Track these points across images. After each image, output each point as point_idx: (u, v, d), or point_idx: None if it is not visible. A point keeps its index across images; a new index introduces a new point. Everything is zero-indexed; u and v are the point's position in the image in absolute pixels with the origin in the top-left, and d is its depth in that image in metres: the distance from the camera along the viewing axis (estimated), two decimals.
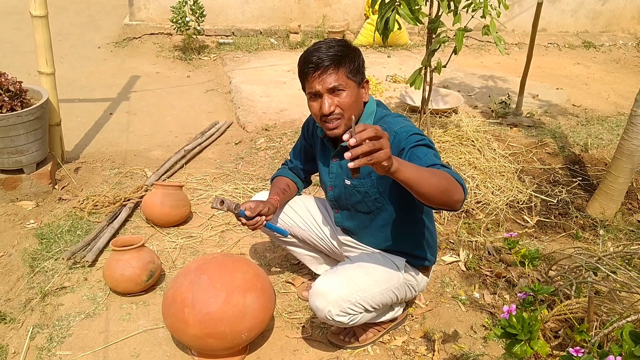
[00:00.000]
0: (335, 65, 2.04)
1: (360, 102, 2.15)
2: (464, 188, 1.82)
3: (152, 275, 2.69)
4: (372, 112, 2.19)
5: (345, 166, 2.23)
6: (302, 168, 2.58)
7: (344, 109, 2.08)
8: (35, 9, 3.52)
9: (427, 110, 3.77)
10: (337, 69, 2.05)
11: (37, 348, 2.43)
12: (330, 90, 2.06)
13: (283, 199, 2.49)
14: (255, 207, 2.28)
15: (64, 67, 5.85)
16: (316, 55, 2.05)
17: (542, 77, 6.25)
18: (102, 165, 4.01)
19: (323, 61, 2.04)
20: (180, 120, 4.90)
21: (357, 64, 2.09)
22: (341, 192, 2.30)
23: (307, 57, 2.08)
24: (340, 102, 2.07)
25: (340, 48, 2.07)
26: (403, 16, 3.15)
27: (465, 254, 3.06)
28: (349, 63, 2.06)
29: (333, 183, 2.32)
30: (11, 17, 7.55)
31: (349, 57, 2.06)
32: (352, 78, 2.08)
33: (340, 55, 2.04)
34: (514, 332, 1.44)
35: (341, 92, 2.06)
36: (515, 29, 7.63)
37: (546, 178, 3.95)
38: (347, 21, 7.37)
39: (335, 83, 2.05)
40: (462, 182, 1.83)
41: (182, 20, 6.21)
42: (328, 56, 2.04)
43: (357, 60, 2.10)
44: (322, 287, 2.14)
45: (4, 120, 3.32)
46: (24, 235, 3.25)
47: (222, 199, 2.22)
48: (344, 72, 2.05)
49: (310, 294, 2.18)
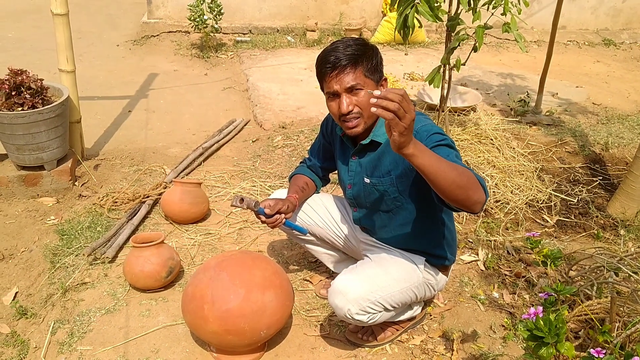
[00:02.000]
0: (352, 65, 2.03)
1: None
2: (485, 190, 1.79)
3: (171, 272, 2.71)
4: None
5: (365, 164, 2.23)
6: (320, 166, 2.58)
7: (363, 108, 2.08)
8: (57, 7, 3.55)
9: (446, 108, 3.75)
10: (355, 68, 2.04)
11: (58, 343, 2.46)
12: (348, 90, 2.05)
13: (302, 197, 2.49)
14: (274, 205, 2.28)
15: (83, 65, 5.90)
16: (333, 55, 2.04)
17: (562, 75, 6.19)
18: (122, 162, 4.05)
19: (340, 60, 2.03)
20: (197, 118, 4.92)
21: (374, 62, 2.08)
22: (360, 190, 2.30)
23: (325, 57, 2.08)
24: (359, 101, 2.07)
25: (357, 47, 2.06)
26: (422, 13, 3.13)
27: (484, 253, 3.04)
28: (366, 62, 2.05)
29: (352, 181, 2.32)
30: (31, 15, 7.64)
31: (366, 55, 2.05)
32: (369, 76, 2.07)
33: (357, 54, 2.03)
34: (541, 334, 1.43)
35: (359, 91, 2.06)
36: (535, 26, 7.55)
37: (566, 177, 3.91)
38: (364, 19, 7.35)
39: (353, 82, 2.04)
40: (484, 184, 1.80)
41: (200, 18, 6.24)
42: (345, 55, 2.03)
43: (375, 58, 2.09)
44: (342, 286, 2.14)
45: (25, 117, 3.36)
46: (44, 231, 3.29)
47: (241, 197, 2.23)
48: (361, 71, 2.05)
49: (330, 292, 2.18)
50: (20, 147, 3.46)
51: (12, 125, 3.37)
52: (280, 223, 2.32)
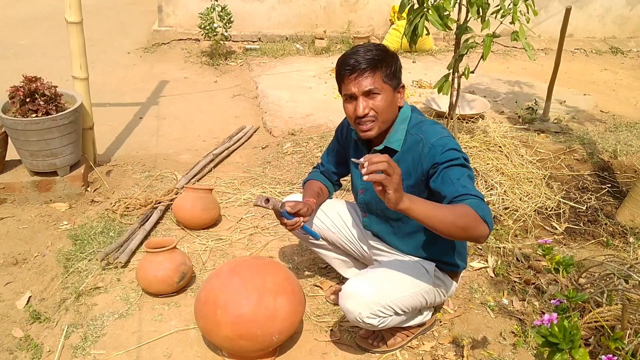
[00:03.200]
0: (371, 69, 2.07)
1: (394, 107, 2.17)
2: (489, 223, 1.84)
3: (183, 277, 2.73)
4: (407, 118, 2.21)
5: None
6: (333, 171, 2.60)
7: (378, 112, 2.11)
8: (71, 15, 3.61)
9: (455, 115, 3.78)
10: (374, 73, 2.07)
11: (71, 347, 2.49)
12: (365, 93, 2.09)
13: (318, 201, 2.52)
14: (295, 206, 2.30)
15: (96, 72, 5.96)
16: (354, 58, 2.08)
17: (569, 83, 6.20)
18: (133, 168, 4.09)
19: (360, 64, 2.07)
20: (208, 125, 4.97)
21: (394, 68, 2.11)
22: (372, 197, 2.32)
23: (345, 59, 2.11)
24: (375, 105, 2.10)
25: (377, 52, 2.09)
26: (432, 22, 3.17)
27: (494, 260, 3.06)
28: (385, 67, 2.08)
29: (365, 186, 2.35)
30: (43, 23, 7.72)
31: (386, 61, 2.09)
32: (387, 82, 2.10)
33: (377, 59, 2.07)
34: (556, 340, 1.44)
35: (376, 96, 2.09)
36: (542, 34, 7.57)
37: (575, 184, 3.92)
38: (372, 27, 7.39)
39: (371, 86, 2.07)
40: (487, 216, 1.85)
41: (210, 26, 6.29)
42: (365, 59, 2.06)
43: (394, 65, 2.12)
44: (353, 289, 2.16)
45: (39, 123, 3.41)
46: (57, 236, 3.33)
47: (267, 197, 2.24)
48: (380, 76, 2.08)
49: (341, 296, 2.20)
50: (33, 153, 3.50)
51: (26, 132, 3.42)
52: (299, 226, 2.34)
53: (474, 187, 1.96)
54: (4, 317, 2.77)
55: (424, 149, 2.10)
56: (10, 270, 3.08)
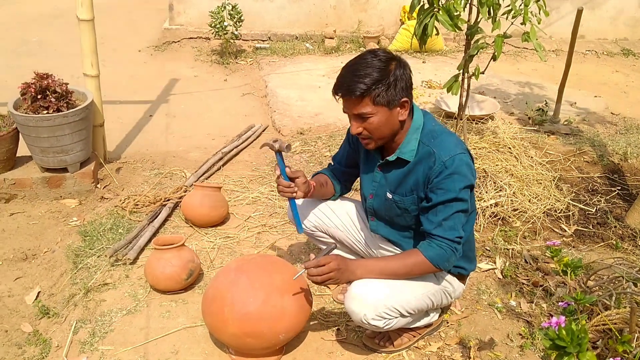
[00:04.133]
0: (360, 95, 2.02)
1: (392, 124, 2.11)
2: (441, 267, 2.13)
3: (191, 274, 2.75)
4: (419, 127, 2.17)
5: (390, 179, 2.26)
6: (343, 170, 2.56)
7: (371, 132, 2.11)
8: (82, 12, 3.63)
9: (464, 116, 3.77)
10: (362, 98, 2.03)
11: (80, 342, 2.51)
12: (356, 116, 2.09)
13: (319, 190, 2.47)
14: (296, 172, 2.30)
15: (106, 69, 5.94)
16: (344, 83, 2.05)
17: (580, 85, 6.16)
18: (143, 165, 4.11)
19: (348, 91, 2.04)
20: (217, 123, 4.98)
21: (388, 89, 2.02)
22: (382, 204, 2.32)
23: (339, 79, 2.09)
24: (367, 127, 2.10)
25: (368, 76, 2.00)
26: (442, 22, 3.16)
27: (502, 261, 3.05)
28: (376, 90, 2.01)
29: (375, 192, 2.34)
30: (55, 20, 7.77)
31: (377, 84, 2.01)
32: (380, 103, 2.04)
33: (365, 86, 2.00)
34: (563, 344, 1.43)
35: (368, 118, 2.07)
36: (553, 35, 7.53)
37: (584, 187, 3.90)
38: (383, 26, 7.38)
39: (360, 111, 2.06)
40: (440, 264, 2.12)
41: (221, 25, 6.31)
42: (352, 87, 2.02)
43: (390, 85, 2.02)
44: (359, 291, 2.16)
45: (50, 120, 3.43)
46: (67, 232, 3.35)
47: (277, 139, 2.26)
48: (369, 100, 2.03)
49: (346, 297, 2.20)
50: (44, 150, 3.53)
51: (37, 128, 3.44)
52: (290, 193, 2.30)
53: (452, 228, 2.09)
54: (13, 311, 2.80)
55: (435, 165, 2.09)
56: (20, 265, 3.11)
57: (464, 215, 2.13)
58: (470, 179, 2.10)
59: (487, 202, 3.45)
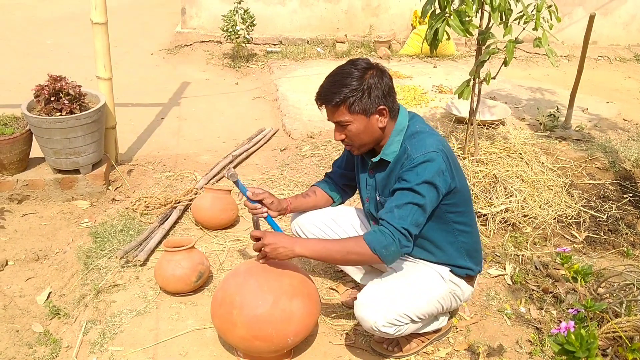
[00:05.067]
0: (335, 105, 2.10)
1: (372, 131, 2.15)
2: (379, 255, 2.05)
3: (201, 276, 2.76)
4: (403, 129, 2.20)
5: (378, 181, 2.29)
6: (341, 173, 2.57)
7: (350, 138, 2.17)
8: (96, 16, 3.66)
9: (475, 121, 3.76)
10: (337, 108, 2.11)
11: (90, 343, 2.52)
12: (336, 123, 2.16)
13: (300, 203, 2.54)
14: (259, 194, 2.36)
15: (119, 72, 6.00)
16: (322, 92, 2.13)
17: (592, 91, 6.13)
18: (154, 168, 4.14)
19: (323, 100, 2.13)
20: (228, 126, 5.00)
21: (362, 96, 2.08)
22: (375, 206, 2.35)
23: (320, 87, 2.16)
24: (347, 134, 2.16)
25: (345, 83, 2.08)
26: (453, 27, 3.16)
27: (512, 267, 3.03)
28: (349, 100, 2.07)
29: (369, 195, 2.37)
30: (69, 23, 7.85)
31: (352, 93, 2.07)
32: (356, 111, 2.10)
33: (342, 94, 2.07)
34: (572, 349, 1.43)
35: (346, 125, 2.13)
36: (565, 41, 7.50)
37: (596, 193, 3.88)
38: (394, 31, 7.38)
39: (337, 119, 2.13)
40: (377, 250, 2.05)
41: (233, 29, 6.34)
42: (328, 95, 2.10)
43: (364, 93, 2.08)
44: (368, 298, 2.16)
45: (63, 122, 3.47)
46: (78, 234, 3.38)
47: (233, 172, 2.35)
48: (344, 110, 2.10)
49: (356, 305, 2.20)
50: (57, 151, 3.56)
51: (50, 130, 3.48)
52: (260, 214, 2.38)
53: (401, 217, 2.06)
54: (25, 312, 2.82)
55: (407, 160, 2.12)
56: (31, 265, 3.14)
57: (419, 211, 2.08)
58: (434, 177, 2.07)
59: (497, 207, 3.44)
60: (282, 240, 2.16)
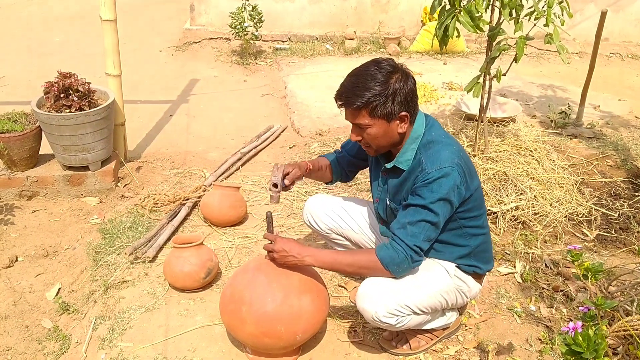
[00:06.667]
0: (357, 108, 2.05)
1: (391, 135, 2.12)
2: (391, 271, 2.11)
3: (209, 273, 2.76)
4: (418, 137, 2.16)
5: (390, 186, 2.27)
6: (349, 159, 2.54)
7: (369, 142, 2.14)
8: (105, 13, 3.67)
9: (485, 118, 3.73)
10: (358, 111, 2.06)
11: (99, 338, 2.53)
12: (354, 125, 2.12)
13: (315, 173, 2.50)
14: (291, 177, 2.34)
15: (128, 69, 6.00)
16: (344, 93, 2.07)
17: (604, 88, 6.07)
18: (163, 164, 4.14)
19: (345, 103, 2.07)
20: (236, 123, 5.00)
21: (386, 102, 2.02)
22: (384, 209, 2.35)
23: (340, 87, 2.10)
24: (365, 136, 2.13)
25: (368, 87, 2.02)
26: (463, 24, 3.13)
27: (522, 265, 3.01)
28: (374, 103, 2.02)
29: (380, 196, 2.36)
30: (78, 21, 7.88)
31: (376, 97, 2.01)
32: (378, 116, 2.05)
33: (365, 98, 2.01)
34: (579, 349, 1.41)
35: (365, 128, 2.09)
36: (577, 37, 7.43)
37: (607, 191, 3.84)
38: (403, 27, 7.35)
39: (356, 122, 2.09)
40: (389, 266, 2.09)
41: (241, 26, 6.34)
42: (350, 98, 2.04)
43: (388, 98, 2.02)
44: (369, 289, 2.16)
45: (72, 119, 3.48)
46: (87, 230, 3.39)
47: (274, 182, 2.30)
48: (365, 113, 2.05)
49: (357, 295, 2.20)
50: (66, 148, 3.57)
51: (60, 127, 3.49)
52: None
53: (414, 235, 2.07)
54: (34, 307, 2.84)
55: (421, 174, 2.09)
56: (41, 262, 3.15)
57: (432, 228, 2.09)
58: (449, 193, 2.06)
59: (507, 205, 3.41)
60: (293, 248, 2.17)
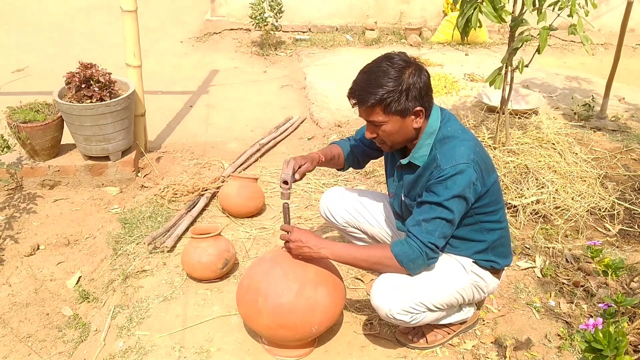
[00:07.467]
0: (370, 106, 2.02)
1: (406, 131, 2.09)
2: (407, 268, 2.09)
3: (227, 264, 2.77)
4: (434, 132, 2.12)
5: (405, 182, 2.25)
6: (364, 149, 2.51)
7: (384, 138, 2.11)
8: (126, 4, 3.69)
9: (507, 110, 3.68)
10: (372, 109, 2.02)
11: (117, 327, 2.56)
12: (369, 122, 2.09)
13: (327, 163, 2.48)
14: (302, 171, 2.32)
15: (148, 60, 6.05)
16: (357, 91, 2.04)
17: (629, 80, 5.94)
18: (182, 155, 4.17)
19: (357, 99, 2.04)
20: (256, 115, 5.01)
21: (400, 98, 1.99)
22: (399, 204, 2.33)
23: (352, 85, 2.07)
24: (380, 133, 2.10)
25: (381, 83, 1.98)
26: (486, 14, 3.08)
27: (542, 260, 2.97)
28: (385, 101, 1.99)
29: (395, 191, 2.34)
30: (100, 12, 7.94)
31: (389, 94, 1.98)
32: (392, 113, 2.02)
33: (378, 95, 1.98)
34: (600, 347, 1.38)
35: (380, 125, 2.06)
36: (602, 28, 7.28)
37: (631, 185, 3.76)
38: (425, 18, 7.28)
39: (371, 119, 2.06)
40: (405, 263, 2.08)
41: (261, 16, 6.33)
42: (363, 95, 2.01)
43: (402, 94, 1.99)
44: (383, 286, 2.14)
45: (93, 109, 3.51)
46: (108, 219, 3.43)
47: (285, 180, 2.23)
48: (379, 110, 2.02)
49: (371, 292, 2.18)
50: (87, 138, 3.61)
51: (81, 117, 3.53)
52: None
53: (429, 232, 2.05)
54: (55, 295, 2.88)
55: (436, 171, 2.06)
56: (62, 250, 3.20)
57: (447, 225, 2.07)
58: (464, 190, 2.03)
59: (528, 199, 3.37)
60: (309, 239, 2.17)
